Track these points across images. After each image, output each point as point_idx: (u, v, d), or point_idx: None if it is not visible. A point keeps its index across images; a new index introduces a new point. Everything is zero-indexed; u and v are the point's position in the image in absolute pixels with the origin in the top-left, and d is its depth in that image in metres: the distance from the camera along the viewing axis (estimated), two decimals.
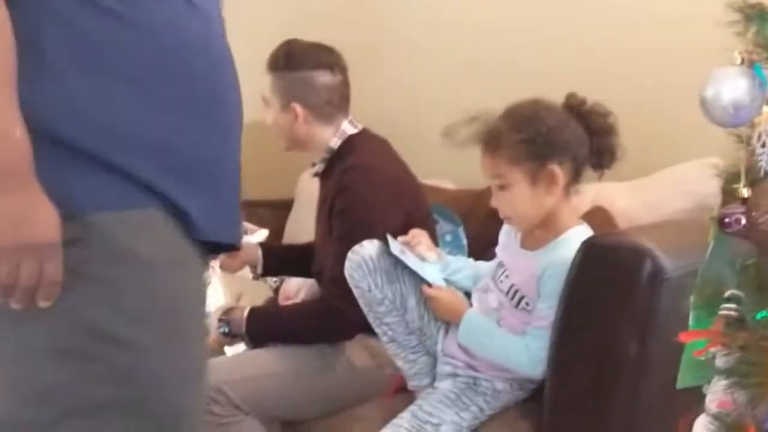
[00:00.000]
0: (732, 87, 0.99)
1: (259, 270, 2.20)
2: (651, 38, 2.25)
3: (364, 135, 2.05)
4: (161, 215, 1.06)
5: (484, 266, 1.90)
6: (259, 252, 2.19)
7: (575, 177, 1.67)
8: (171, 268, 1.07)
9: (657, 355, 1.49)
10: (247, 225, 2.36)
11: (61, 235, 0.98)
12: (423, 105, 2.78)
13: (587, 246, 1.54)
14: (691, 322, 1.12)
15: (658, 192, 2.07)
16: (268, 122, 2.06)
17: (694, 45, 1.84)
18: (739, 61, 1.01)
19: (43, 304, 1.00)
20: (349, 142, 2.01)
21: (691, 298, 1.13)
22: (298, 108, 1.98)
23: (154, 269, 1.05)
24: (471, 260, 1.97)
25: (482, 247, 2.08)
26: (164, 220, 1.06)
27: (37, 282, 0.98)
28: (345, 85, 2.05)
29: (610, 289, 1.51)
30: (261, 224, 2.50)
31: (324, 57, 2.02)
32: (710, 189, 1.83)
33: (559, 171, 1.62)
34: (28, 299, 0.99)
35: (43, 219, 0.97)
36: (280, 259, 2.25)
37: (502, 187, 1.66)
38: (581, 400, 1.56)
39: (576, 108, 1.66)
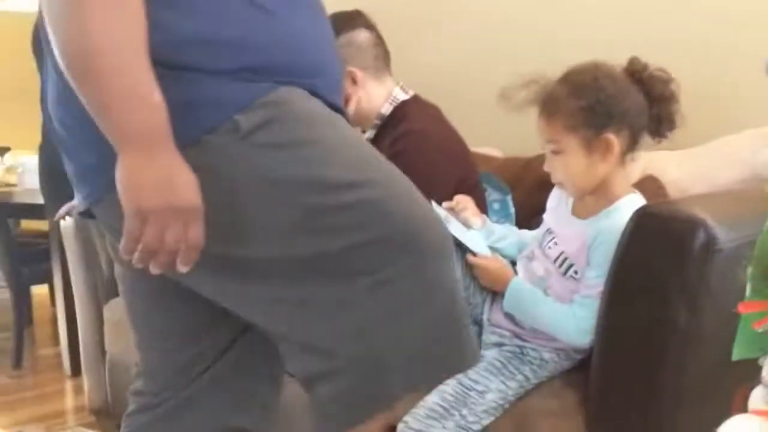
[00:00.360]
0: None
1: None
2: (715, 4, 2.20)
3: (415, 101, 2.03)
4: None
5: (528, 234, 1.88)
6: None
7: (632, 145, 1.64)
8: (344, 121, 1.16)
9: (708, 326, 1.47)
10: None
11: (200, 194, 1.00)
12: (471, 72, 2.75)
13: (639, 215, 1.52)
14: (747, 293, 1.10)
15: (712, 162, 2.02)
16: None
17: (759, 11, 1.79)
18: None
19: (183, 268, 1.01)
20: (401, 108, 2.00)
21: (749, 270, 1.11)
22: (356, 71, 1.97)
23: (337, 121, 1.13)
24: (515, 228, 1.95)
25: (529, 216, 2.06)
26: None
27: (180, 245, 1.00)
28: (382, 41, 2.04)
29: (662, 259, 1.49)
30: None
31: (355, 18, 2.01)
32: (765, 158, 1.79)
33: (615, 140, 1.60)
34: (169, 263, 1.01)
35: (185, 183, 0.99)
36: None
37: (556, 152, 1.64)
38: (629, 371, 1.55)
39: (638, 74, 1.63)
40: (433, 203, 1.74)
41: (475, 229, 1.80)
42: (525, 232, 1.91)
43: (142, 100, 0.96)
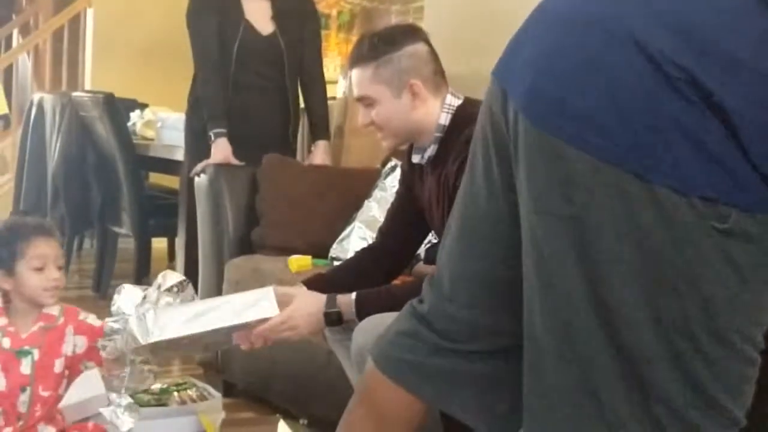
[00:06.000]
0: None
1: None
2: None
3: (470, 103, 1.92)
4: None
5: None
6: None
7: None
8: None
9: None
10: None
11: None
12: None
13: None
14: None
15: None
16: (363, 123, 1.95)
17: None
18: None
19: None
20: (459, 113, 1.90)
21: None
22: (418, 84, 1.88)
23: None
24: None
25: None
26: None
27: None
28: (437, 56, 1.95)
29: None
30: None
31: (415, 31, 1.95)
32: None
33: None
34: None
35: None
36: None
37: None
38: None
39: None
40: None
41: None
42: None
43: None
